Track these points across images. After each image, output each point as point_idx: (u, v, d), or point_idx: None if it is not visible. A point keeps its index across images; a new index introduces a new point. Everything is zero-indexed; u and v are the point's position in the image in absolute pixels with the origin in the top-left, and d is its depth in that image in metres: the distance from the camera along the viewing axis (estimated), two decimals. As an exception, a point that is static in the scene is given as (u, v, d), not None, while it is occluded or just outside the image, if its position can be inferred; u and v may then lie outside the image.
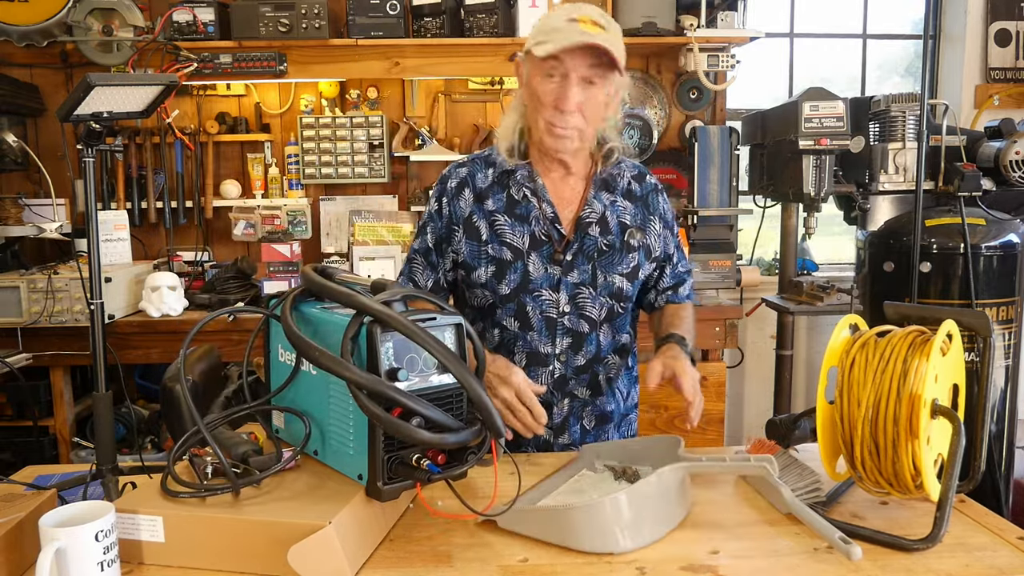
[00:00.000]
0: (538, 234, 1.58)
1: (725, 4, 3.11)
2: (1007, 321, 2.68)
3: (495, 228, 1.59)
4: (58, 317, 2.72)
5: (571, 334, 1.60)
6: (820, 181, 2.88)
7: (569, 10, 1.45)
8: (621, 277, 1.60)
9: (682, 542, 1.13)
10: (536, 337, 1.59)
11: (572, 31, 1.42)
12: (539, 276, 1.57)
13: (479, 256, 1.59)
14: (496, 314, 1.60)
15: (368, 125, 3.35)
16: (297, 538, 0.99)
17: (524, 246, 1.58)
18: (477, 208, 1.61)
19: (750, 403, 3.86)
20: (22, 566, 1.04)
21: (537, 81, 1.48)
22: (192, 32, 3.00)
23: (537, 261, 1.57)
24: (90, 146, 1.46)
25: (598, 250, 1.59)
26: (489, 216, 1.60)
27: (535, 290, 1.57)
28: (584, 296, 1.59)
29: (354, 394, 1.02)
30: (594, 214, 1.60)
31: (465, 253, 1.60)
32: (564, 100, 1.46)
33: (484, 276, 1.59)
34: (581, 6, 1.47)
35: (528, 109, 1.55)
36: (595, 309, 1.60)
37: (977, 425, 1.25)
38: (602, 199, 1.61)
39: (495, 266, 1.58)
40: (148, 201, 3.35)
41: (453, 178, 1.64)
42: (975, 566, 1.06)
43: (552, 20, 1.47)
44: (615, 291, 1.60)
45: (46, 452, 2.88)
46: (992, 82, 3.72)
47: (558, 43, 1.41)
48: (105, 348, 1.46)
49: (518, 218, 1.59)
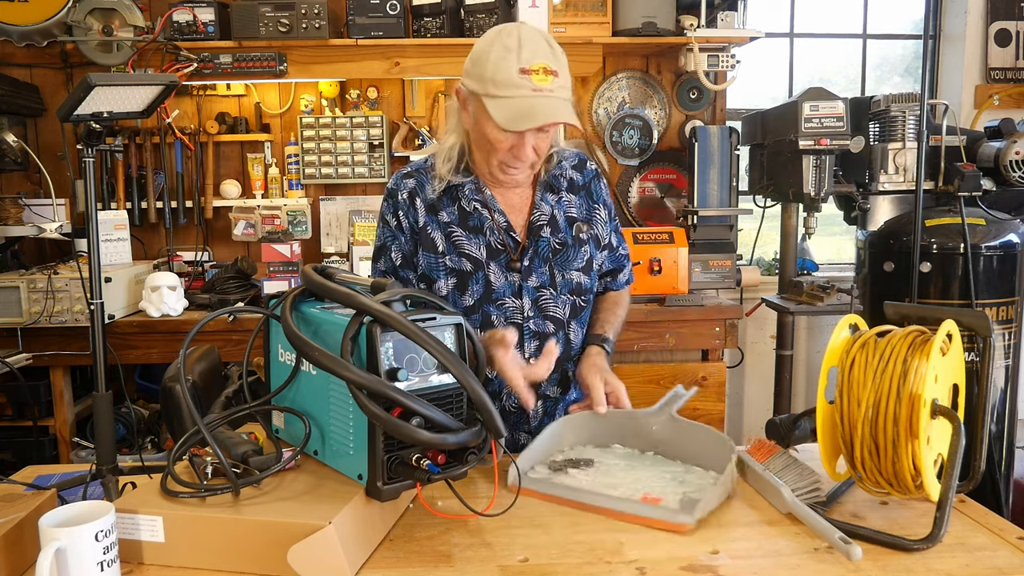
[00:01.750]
0: (494, 244, 1.58)
1: (725, 4, 3.11)
2: (1007, 321, 2.68)
3: (452, 240, 1.57)
4: (58, 317, 2.72)
5: (537, 336, 1.59)
6: (820, 181, 2.88)
7: (516, 51, 1.40)
8: (578, 272, 1.61)
9: (682, 542, 1.13)
10: None
11: (524, 89, 1.38)
12: (501, 285, 1.57)
13: (437, 268, 1.58)
14: None
15: (368, 125, 3.35)
16: (297, 538, 0.99)
17: (483, 257, 1.57)
18: (431, 219, 1.58)
19: (750, 403, 3.86)
20: (22, 566, 1.04)
21: (489, 128, 1.45)
22: (192, 32, 3.00)
23: (497, 270, 1.57)
24: (90, 146, 1.45)
25: (552, 250, 1.59)
26: (445, 228, 1.58)
27: (498, 299, 1.57)
28: (546, 298, 1.59)
29: (354, 394, 1.02)
30: (544, 216, 1.60)
31: (423, 265, 1.59)
32: (521, 152, 1.46)
33: (444, 288, 1.57)
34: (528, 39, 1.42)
35: (475, 143, 1.54)
36: (559, 308, 1.60)
37: (977, 425, 1.25)
38: (548, 200, 1.62)
39: (456, 278, 1.57)
40: (148, 201, 3.35)
41: (403, 190, 1.61)
42: (975, 566, 1.06)
43: (502, 67, 1.40)
44: (575, 287, 1.61)
45: (46, 452, 2.88)
46: (992, 82, 3.72)
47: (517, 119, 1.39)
48: (105, 348, 1.46)
49: (472, 230, 1.58)
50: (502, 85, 1.40)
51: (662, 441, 1.44)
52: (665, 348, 2.91)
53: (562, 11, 3.08)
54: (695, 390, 1.54)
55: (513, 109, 1.39)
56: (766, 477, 1.26)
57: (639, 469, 1.36)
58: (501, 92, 1.40)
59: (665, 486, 1.30)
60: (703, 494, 1.26)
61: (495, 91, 1.41)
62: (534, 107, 1.40)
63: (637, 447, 1.45)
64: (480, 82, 1.43)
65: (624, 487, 1.29)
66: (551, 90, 1.40)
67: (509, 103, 1.40)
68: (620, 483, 1.30)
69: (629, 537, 1.14)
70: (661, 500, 1.25)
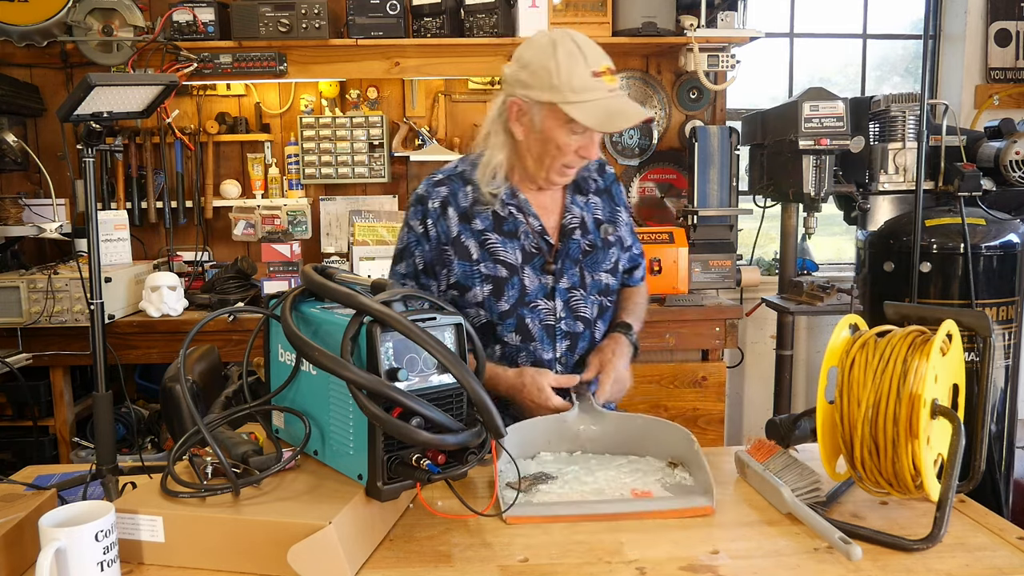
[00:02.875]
0: (528, 247, 1.60)
1: (725, 4, 3.10)
2: (1007, 321, 2.68)
3: (487, 247, 1.59)
4: (58, 317, 2.72)
5: (568, 336, 1.63)
6: (820, 181, 2.88)
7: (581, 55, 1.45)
8: (606, 273, 1.66)
9: (682, 542, 1.13)
10: (538, 346, 1.61)
11: (601, 91, 1.44)
12: (534, 288, 1.60)
13: (472, 275, 1.59)
14: (496, 331, 1.61)
15: (368, 125, 3.35)
16: (297, 538, 0.99)
17: (518, 261, 1.59)
18: (464, 228, 1.60)
19: (750, 403, 3.86)
20: (22, 566, 1.04)
21: (558, 133, 1.49)
22: (192, 32, 3.00)
23: (531, 274, 1.60)
24: (90, 146, 1.45)
25: (582, 251, 1.63)
26: (479, 236, 1.59)
27: (532, 302, 1.60)
28: (576, 298, 1.62)
29: (354, 394, 1.02)
30: (575, 219, 1.64)
31: (458, 274, 1.60)
32: (590, 151, 1.52)
33: (480, 295, 1.59)
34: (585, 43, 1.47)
35: (535, 152, 1.56)
36: (587, 308, 1.63)
37: (977, 425, 1.25)
38: (578, 202, 1.65)
39: (491, 284, 1.59)
40: (148, 201, 3.35)
41: (434, 198, 1.62)
42: (975, 566, 1.06)
43: (576, 73, 1.44)
44: (603, 288, 1.65)
45: (46, 452, 2.87)
46: (992, 82, 3.72)
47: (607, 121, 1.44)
48: (105, 348, 1.46)
49: (507, 235, 1.60)
50: (579, 90, 1.44)
51: (591, 439, 1.45)
52: (665, 348, 2.91)
53: (562, 11, 3.08)
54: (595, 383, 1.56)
55: (600, 111, 1.44)
56: (766, 477, 1.26)
57: (599, 471, 1.36)
58: (580, 97, 1.44)
59: (637, 479, 1.31)
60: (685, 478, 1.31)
61: (574, 97, 1.44)
62: (620, 107, 1.46)
63: (565, 449, 1.45)
64: (553, 91, 1.46)
65: (609, 489, 1.28)
66: (622, 89, 1.48)
67: (593, 106, 1.44)
68: (603, 487, 1.29)
69: (629, 537, 1.14)
70: (651, 493, 1.26)
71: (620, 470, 1.36)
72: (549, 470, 1.36)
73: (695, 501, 1.23)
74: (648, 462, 1.39)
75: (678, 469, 1.35)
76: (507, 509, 1.19)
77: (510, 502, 1.20)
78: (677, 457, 1.38)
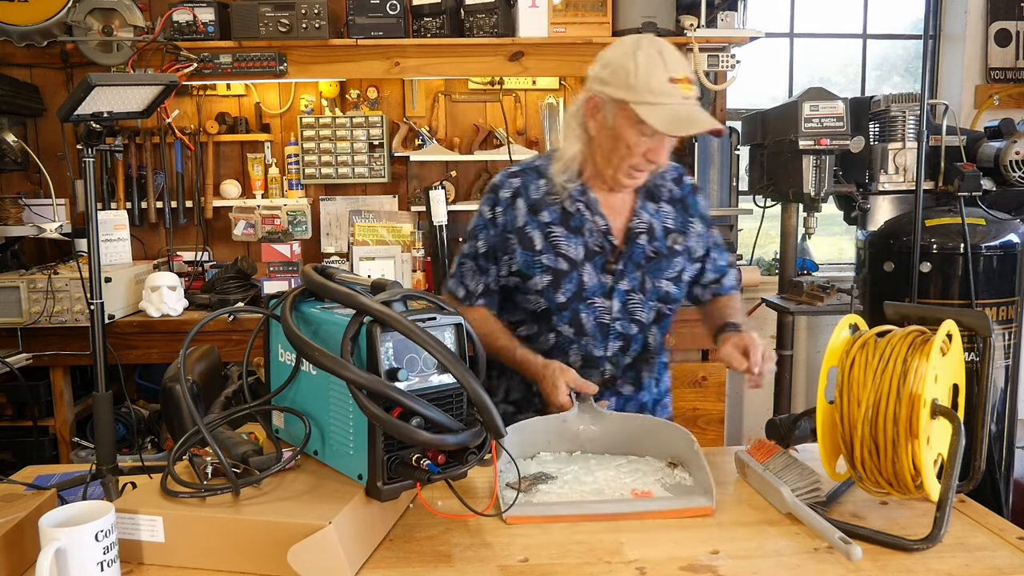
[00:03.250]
0: (591, 245, 1.63)
1: (725, 4, 3.10)
2: (1007, 321, 2.68)
3: (550, 239, 1.63)
4: (58, 317, 2.72)
5: (621, 337, 1.66)
6: (820, 181, 2.88)
7: (661, 61, 1.47)
8: (668, 282, 1.67)
9: (682, 542, 1.13)
10: (590, 341, 1.64)
11: (676, 97, 1.46)
12: (593, 285, 1.63)
13: (533, 265, 1.64)
14: (552, 320, 1.66)
15: (368, 125, 3.35)
16: (297, 538, 0.99)
17: (579, 257, 1.63)
18: (531, 219, 1.65)
19: (750, 403, 3.86)
20: (22, 566, 1.04)
21: (628, 132, 1.51)
22: (192, 32, 3.00)
23: (591, 271, 1.63)
24: (90, 146, 1.45)
25: (646, 257, 1.65)
26: (544, 228, 1.64)
27: (589, 298, 1.63)
28: (635, 302, 1.65)
29: (354, 394, 1.02)
30: (642, 224, 1.65)
31: (520, 262, 1.65)
32: (659, 155, 1.53)
33: (540, 284, 1.63)
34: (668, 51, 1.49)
35: (604, 149, 1.58)
36: (644, 313, 1.66)
37: (977, 425, 1.25)
38: (648, 208, 1.67)
39: (551, 275, 1.63)
40: (148, 201, 3.35)
41: (505, 188, 1.68)
42: (975, 566, 1.06)
43: (655, 75, 1.47)
44: (663, 295, 1.67)
45: (46, 452, 2.88)
46: (992, 82, 3.72)
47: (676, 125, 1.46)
48: (105, 348, 1.46)
49: (573, 230, 1.63)
50: (656, 92, 1.47)
51: (591, 439, 1.45)
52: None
53: (562, 11, 3.08)
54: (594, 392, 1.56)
55: (671, 115, 1.46)
56: (766, 477, 1.26)
57: (599, 471, 1.36)
58: (655, 99, 1.47)
59: (637, 479, 1.31)
60: (685, 478, 1.31)
61: (650, 98, 1.47)
62: (691, 114, 1.48)
63: (565, 449, 1.45)
64: (630, 90, 1.48)
65: (609, 489, 1.29)
66: (694, 99, 1.49)
67: (666, 109, 1.46)
68: (603, 487, 1.30)
69: (629, 537, 1.14)
70: (651, 493, 1.26)
71: (620, 470, 1.36)
72: (549, 470, 1.36)
73: (695, 501, 1.23)
74: (648, 462, 1.39)
75: (678, 469, 1.35)
76: (507, 509, 1.19)
77: (510, 502, 1.21)
78: (677, 457, 1.38)
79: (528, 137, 3.49)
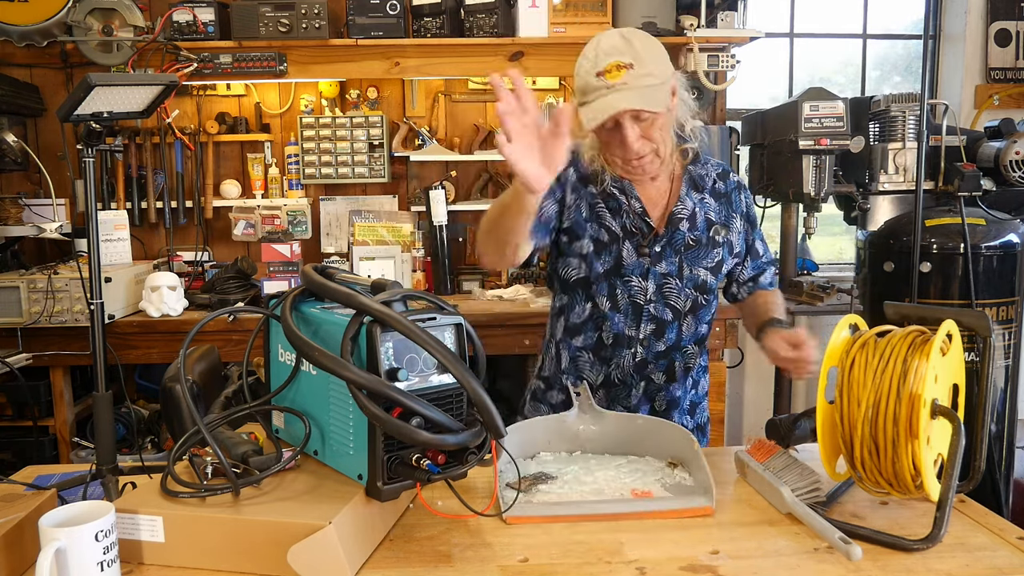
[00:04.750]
0: (628, 226, 1.65)
1: (725, 4, 3.11)
2: (1007, 321, 2.68)
3: (595, 210, 1.67)
4: (58, 317, 2.72)
5: (655, 321, 1.67)
6: (820, 181, 2.88)
7: (592, 59, 1.50)
8: (706, 271, 1.68)
9: (682, 542, 1.13)
10: (622, 319, 1.67)
11: (601, 90, 1.48)
12: (631, 262, 1.65)
13: (583, 227, 1.67)
14: (591, 289, 1.68)
15: (368, 125, 3.35)
16: (297, 538, 0.99)
17: (619, 234, 1.66)
18: (581, 187, 1.68)
19: (750, 403, 3.86)
20: (22, 566, 1.04)
21: (595, 133, 1.56)
22: (192, 32, 3.00)
23: (630, 248, 1.65)
24: (90, 146, 1.45)
25: (685, 244, 1.66)
26: (591, 199, 1.67)
27: (626, 275, 1.65)
28: (670, 287, 1.66)
29: (354, 394, 1.02)
30: (685, 210, 1.67)
31: (572, 219, 1.67)
32: (625, 147, 1.54)
33: (585, 248, 1.66)
34: (605, 44, 1.50)
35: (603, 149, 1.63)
36: (680, 299, 1.67)
37: (977, 425, 1.25)
38: (692, 197, 1.69)
39: (595, 245, 1.66)
40: (148, 201, 3.35)
41: None
42: (975, 566, 1.06)
43: (582, 75, 1.52)
44: (699, 283, 1.68)
45: (46, 452, 2.88)
46: (992, 82, 3.72)
47: (593, 117, 1.49)
48: (105, 348, 1.46)
49: (612, 210, 1.66)
50: (586, 91, 1.52)
51: (591, 439, 1.46)
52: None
53: (562, 11, 3.08)
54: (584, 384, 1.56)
55: (591, 110, 1.49)
56: (766, 477, 1.26)
57: (599, 471, 1.36)
58: (586, 98, 1.51)
59: (637, 479, 1.32)
60: (685, 478, 1.31)
61: (582, 99, 1.52)
62: (604, 103, 1.49)
63: (565, 449, 1.46)
64: (576, 94, 1.55)
65: (609, 489, 1.29)
66: (624, 82, 1.48)
67: (590, 106, 1.50)
68: (603, 487, 1.30)
69: (629, 537, 1.14)
70: (651, 493, 1.26)
71: (620, 470, 1.36)
72: (549, 470, 1.36)
73: (695, 501, 1.23)
74: (648, 462, 1.39)
75: (678, 469, 1.35)
76: (507, 509, 1.19)
77: (510, 502, 1.20)
78: (677, 457, 1.38)
79: (528, 137, 3.48)
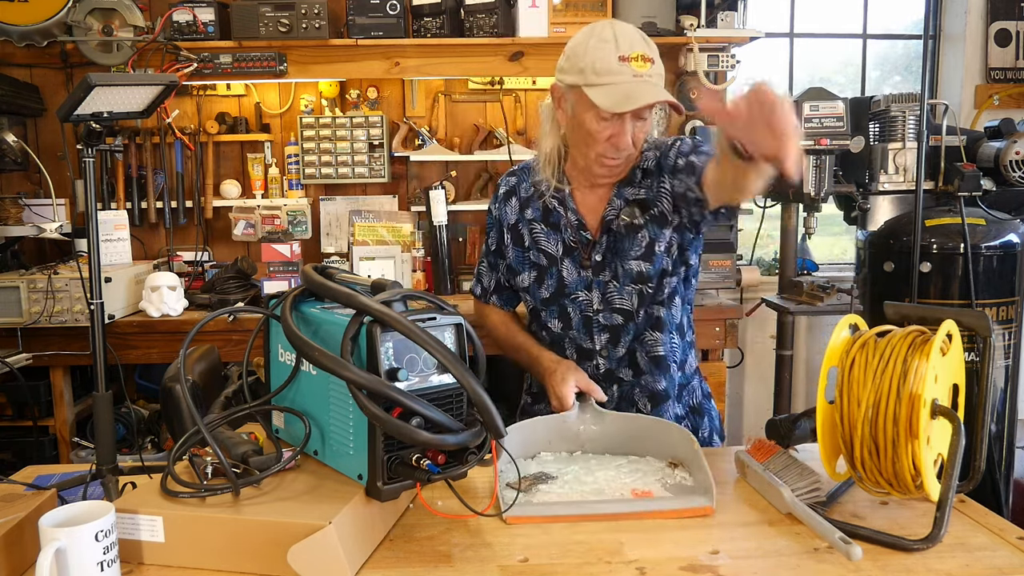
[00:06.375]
0: (567, 241, 1.63)
1: (725, 4, 3.10)
2: (1007, 321, 2.68)
3: (533, 236, 1.66)
4: (58, 317, 2.71)
5: (607, 329, 1.65)
6: (820, 181, 2.88)
7: (613, 41, 1.45)
8: (636, 260, 1.60)
9: (682, 542, 1.13)
10: (577, 335, 1.66)
11: (626, 75, 1.43)
12: (573, 280, 1.64)
13: (523, 262, 1.68)
14: (542, 316, 1.69)
15: (368, 125, 3.35)
16: (297, 538, 0.99)
17: (558, 253, 1.64)
18: (521, 216, 1.68)
19: (750, 403, 3.86)
20: (22, 566, 1.04)
21: (589, 119, 1.49)
22: (192, 32, 3.00)
23: (570, 266, 1.63)
24: (90, 146, 1.45)
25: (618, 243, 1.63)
26: (528, 224, 1.67)
27: (571, 293, 1.64)
28: (611, 291, 1.63)
29: (354, 394, 1.02)
30: (614, 211, 1.62)
31: (511, 258, 1.69)
32: (621, 140, 1.50)
33: (526, 281, 1.67)
34: (622, 32, 1.47)
35: (574, 139, 1.57)
36: (625, 300, 1.62)
37: (977, 425, 1.25)
38: (625, 194, 1.61)
39: (536, 272, 1.66)
40: (148, 201, 3.35)
41: (503, 186, 1.74)
42: (975, 566, 1.06)
43: (601, 56, 1.45)
44: (636, 275, 1.60)
45: (46, 452, 2.87)
46: (992, 82, 3.72)
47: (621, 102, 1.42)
48: (105, 348, 1.46)
49: (552, 226, 1.65)
50: (603, 73, 1.45)
51: (591, 439, 1.46)
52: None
53: (562, 11, 3.08)
54: None
55: (616, 94, 1.44)
56: (766, 477, 1.26)
57: (599, 471, 1.36)
58: (602, 80, 1.45)
59: (637, 479, 1.32)
60: (685, 478, 1.31)
61: (596, 80, 1.45)
62: (635, 90, 1.44)
63: (565, 449, 1.46)
64: (580, 74, 1.47)
65: (609, 489, 1.29)
66: (649, 76, 1.46)
67: (612, 89, 1.44)
68: (603, 487, 1.30)
69: (629, 537, 1.14)
70: (652, 493, 1.26)
71: (620, 470, 1.36)
72: (549, 470, 1.36)
73: (695, 501, 1.23)
74: (648, 462, 1.39)
75: (678, 469, 1.35)
76: (507, 509, 1.19)
77: (510, 502, 1.20)
78: (677, 457, 1.38)
79: (528, 137, 3.49)
